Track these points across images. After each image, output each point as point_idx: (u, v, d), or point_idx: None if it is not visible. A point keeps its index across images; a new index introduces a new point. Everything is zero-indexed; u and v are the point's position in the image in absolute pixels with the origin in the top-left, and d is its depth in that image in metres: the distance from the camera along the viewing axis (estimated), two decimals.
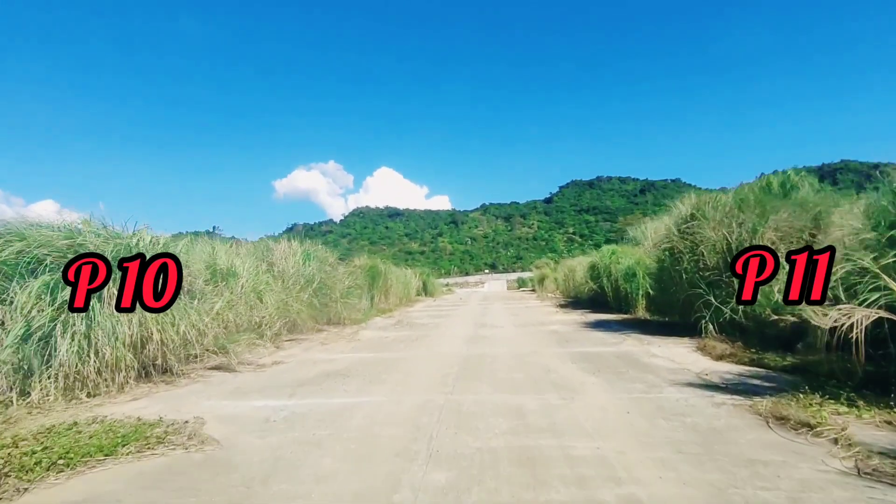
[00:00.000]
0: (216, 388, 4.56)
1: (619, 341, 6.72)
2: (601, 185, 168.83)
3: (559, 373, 4.74)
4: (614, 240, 44.68)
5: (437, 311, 14.12)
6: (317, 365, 5.67)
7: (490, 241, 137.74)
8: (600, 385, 4.17)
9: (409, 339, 7.83)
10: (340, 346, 7.16)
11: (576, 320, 9.95)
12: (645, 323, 8.76)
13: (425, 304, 18.56)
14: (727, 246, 6.44)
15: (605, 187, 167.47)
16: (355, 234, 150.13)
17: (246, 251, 8.30)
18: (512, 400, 3.75)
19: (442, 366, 5.34)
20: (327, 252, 10.14)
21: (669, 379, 4.31)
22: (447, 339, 7.64)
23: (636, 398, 3.70)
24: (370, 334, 8.62)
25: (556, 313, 11.98)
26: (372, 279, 14.35)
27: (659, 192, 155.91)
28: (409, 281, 18.94)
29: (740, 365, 4.75)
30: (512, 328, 8.99)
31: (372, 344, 7.40)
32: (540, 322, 9.87)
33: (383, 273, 14.90)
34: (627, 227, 67.49)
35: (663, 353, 5.58)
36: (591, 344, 6.60)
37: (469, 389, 4.15)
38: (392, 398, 3.95)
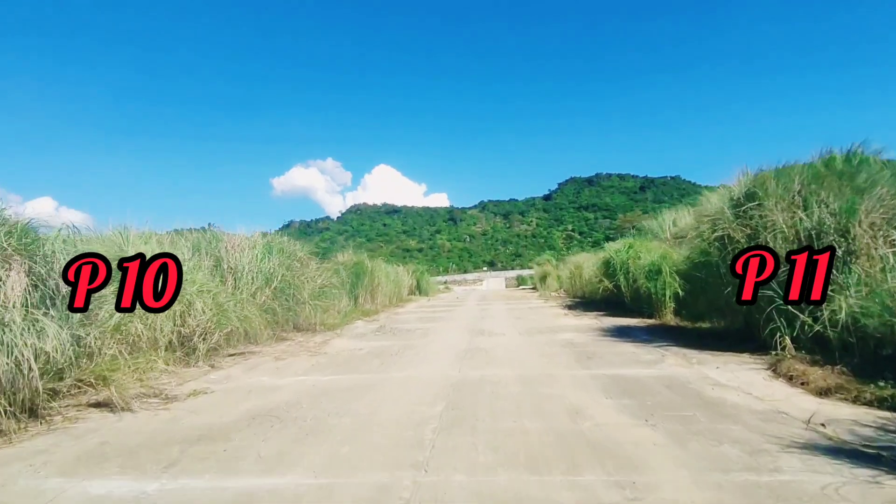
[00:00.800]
0: (68, 446, 2.97)
1: (658, 358, 5.15)
2: (600, 182, 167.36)
3: (594, 419, 3.16)
4: (614, 237, 43.24)
5: (429, 313, 12.54)
6: (250, 397, 4.09)
7: (489, 239, 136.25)
8: (668, 450, 2.58)
9: (388, 352, 6.25)
10: (298, 364, 5.57)
11: (591, 326, 8.38)
12: (678, 331, 7.19)
13: (418, 304, 16.97)
14: (802, 233, 4.88)
15: (605, 184, 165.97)
16: (352, 232, 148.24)
17: (187, 242, 6.70)
18: (530, 490, 2.17)
19: (421, 402, 3.76)
20: (295, 245, 8.53)
21: (770, 434, 2.73)
22: (434, 354, 6.06)
23: (744, 484, 2.13)
24: (342, 344, 7.04)
25: (565, 316, 10.41)
26: (356, 277, 12.76)
27: (659, 189, 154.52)
28: (400, 279, 17.33)
29: (866, 407, 3.17)
30: (516, 336, 7.42)
31: (339, 360, 5.81)
32: (549, 328, 8.30)
33: (369, 270, 13.30)
34: (628, 223, 66.77)
35: (731, 381, 4.01)
36: (623, 362, 5.03)
37: (456, 459, 2.56)
38: (327, 479, 2.37)
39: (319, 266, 9.04)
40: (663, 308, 8.34)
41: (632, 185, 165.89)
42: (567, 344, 6.39)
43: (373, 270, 13.51)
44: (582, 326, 8.36)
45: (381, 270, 14.46)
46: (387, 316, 11.75)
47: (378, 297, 13.88)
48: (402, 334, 8.14)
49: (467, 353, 6.02)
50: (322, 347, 6.77)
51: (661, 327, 7.73)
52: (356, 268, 12.92)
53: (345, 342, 7.30)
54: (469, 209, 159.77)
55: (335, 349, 6.61)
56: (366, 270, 13.16)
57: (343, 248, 24.33)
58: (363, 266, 13.22)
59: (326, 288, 8.90)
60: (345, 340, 7.48)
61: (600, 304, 11.66)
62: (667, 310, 8.24)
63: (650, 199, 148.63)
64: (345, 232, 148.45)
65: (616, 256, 10.22)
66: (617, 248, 10.56)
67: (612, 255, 10.31)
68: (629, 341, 6.44)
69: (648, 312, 8.79)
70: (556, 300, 15.89)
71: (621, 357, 5.32)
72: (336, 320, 9.84)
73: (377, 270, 13.89)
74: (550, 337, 7.17)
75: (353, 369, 5.20)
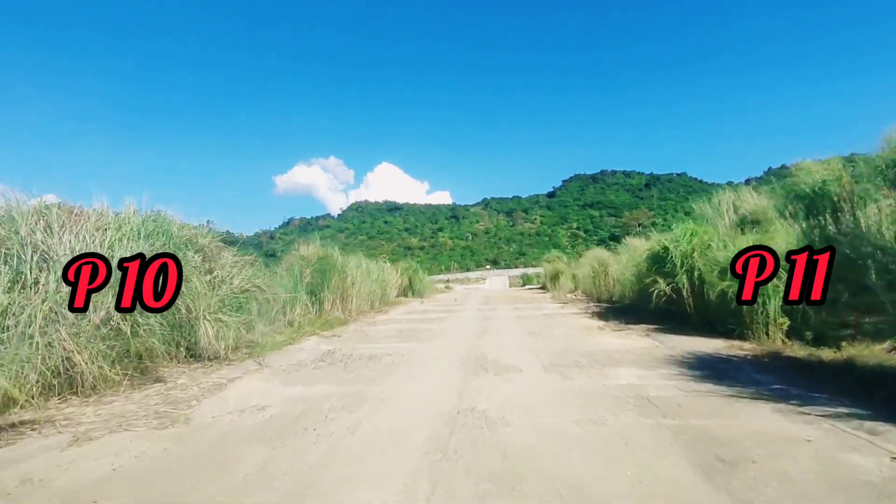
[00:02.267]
0: None
1: (880, 463, 2.20)
2: (605, 180, 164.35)
3: None
4: (619, 235, 40.20)
5: (415, 324, 9.58)
6: None
7: (491, 237, 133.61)
8: None
9: (308, 417, 3.31)
10: (91, 467, 2.65)
11: (652, 353, 5.39)
12: (819, 370, 4.19)
13: (407, 308, 13.97)
14: None
15: (610, 181, 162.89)
16: (353, 229, 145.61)
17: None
18: None
19: None
20: (195, 229, 5.57)
21: None
22: (395, 425, 3.10)
23: None
24: (242, 393, 4.08)
25: (600, 331, 7.42)
26: (321, 276, 9.82)
27: (664, 186, 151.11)
28: (385, 278, 14.33)
29: None
30: (541, 375, 4.46)
31: (189, 451, 2.87)
32: (588, 355, 5.31)
33: (339, 267, 10.33)
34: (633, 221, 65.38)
35: None
36: (815, 482, 2.06)
37: None
38: None
39: (238, 261, 6.03)
40: (766, 325, 5.34)
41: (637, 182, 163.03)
42: (640, 403, 3.42)
43: (344, 267, 10.53)
44: (638, 353, 5.37)
45: (358, 267, 11.48)
46: (356, 329, 8.77)
47: (353, 301, 10.92)
48: (359, 366, 5.18)
49: (457, 423, 3.06)
50: (201, 402, 3.81)
51: (774, 359, 4.74)
52: (321, 263, 9.97)
53: (252, 386, 4.34)
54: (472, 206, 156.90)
55: (216, 409, 3.63)
56: (334, 267, 10.20)
57: (346, 246, 21.57)
58: (331, 261, 10.25)
59: (249, 292, 5.92)
60: (256, 382, 4.52)
61: (642, 312, 8.66)
62: (775, 328, 5.23)
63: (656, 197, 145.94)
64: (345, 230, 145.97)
65: (674, 247, 7.22)
66: (673, 237, 7.55)
67: (669, 246, 7.31)
68: (754, 395, 3.46)
69: (735, 331, 5.79)
70: (575, 304, 12.87)
71: (791, 459, 2.35)
72: (282, 337, 6.93)
73: (351, 267, 10.91)
74: (599, 380, 4.19)
75: (193, 486, 2.26)
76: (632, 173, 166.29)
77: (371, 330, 8.48)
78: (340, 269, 10.33)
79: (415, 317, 10.95)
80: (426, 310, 13.08)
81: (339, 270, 10.27)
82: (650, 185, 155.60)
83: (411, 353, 5.96)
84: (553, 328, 8.01)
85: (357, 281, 11.02)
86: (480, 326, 8.71)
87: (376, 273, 13.04)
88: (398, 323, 9.70)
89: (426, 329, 8.55)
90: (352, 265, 10.94)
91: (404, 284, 18.55)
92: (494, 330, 8.12)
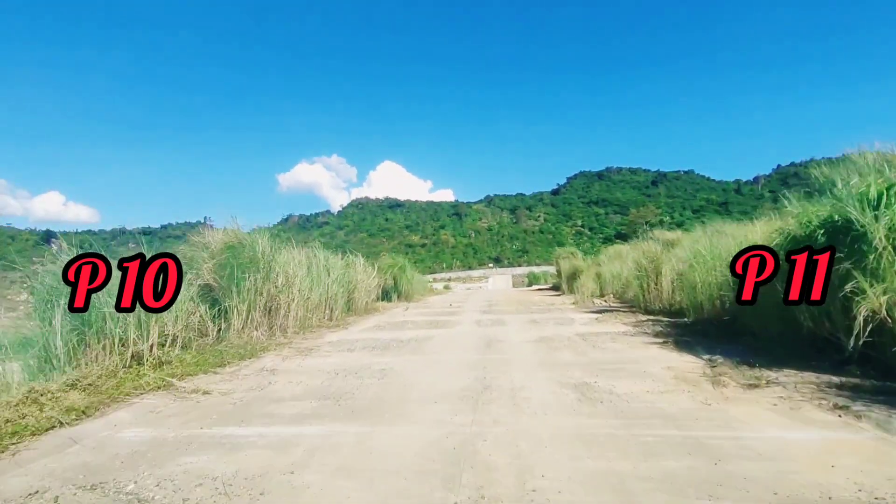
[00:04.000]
0: None
1: None
2: (611, 177, 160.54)
3: None
4: (625, 233, 36.31)
5: (368, 356, 5.94)
6: None
7: (494, 235, 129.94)
8: None
9: None
10: None
11: None
12: None
13: (380, 319, 10.28)
14: None
15: (615, 178, 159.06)
16: (353, 226, 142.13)
17: None
18: None
19: None
20: None
21: None
22: None
23: None
24: None
25: (730, 399, 3.78)
26: (230, 276, 6.21)
27: (671, 183, 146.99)
28: (353, 278, 10.67)
29: None
30: None
31: None
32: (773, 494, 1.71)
33: (263, 263, 6.70)
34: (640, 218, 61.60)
35: None
36: None
37: None
38: None
39: None
40: None
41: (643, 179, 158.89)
42: None
43: (271, 263, 6.90)
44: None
45: (301, 264, 7.83)
46: (256, 374, 5.11)
47: (290, 314, 7.28)
48: None
49: None
50: None
51: None
52: (231, 252, 6.33)
53: None
54: (474, 204, 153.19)
55: None
56: (255, 263, 6.57)
57: (346, 244, 17.89)
58: (251, 254, 6.62)
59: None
60: None
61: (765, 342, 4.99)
62: None
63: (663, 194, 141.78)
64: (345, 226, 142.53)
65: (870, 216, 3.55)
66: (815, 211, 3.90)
67: (857, 217, 3.62)
68: None
69: None
70: (615, 316, 9.15)
71: None
72: (97, 397, 3.36)
73: (284, 263, 7.26)
74: None
75: None
76: (638, 170, 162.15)
77: (278, 380, 4.74)
78: (265, 266, 6.69)
79: (382, 337, 7.27)
80: (405, 322, 9.39)
81: (262, 267, 6.63)
82: (657, 183, 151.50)
83: (307, 476, 2.33)
84: (614, 374, 4.35)
85: (296, 283, 7.37)
86: (479, 361, 5.07)
87: (337, 272, 9.37)
88: (347, 352, 6.02)
89: (390, 366, 4.90)
90: (284, 260, 7.26)
91: (387, 285, 14.91)
92: (505, 372, 4.47)
